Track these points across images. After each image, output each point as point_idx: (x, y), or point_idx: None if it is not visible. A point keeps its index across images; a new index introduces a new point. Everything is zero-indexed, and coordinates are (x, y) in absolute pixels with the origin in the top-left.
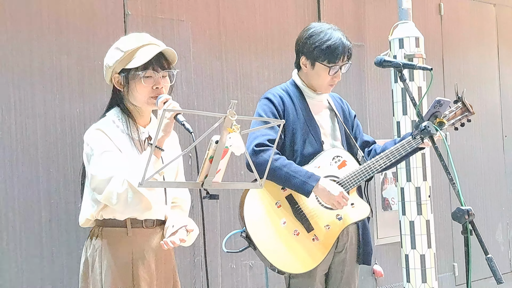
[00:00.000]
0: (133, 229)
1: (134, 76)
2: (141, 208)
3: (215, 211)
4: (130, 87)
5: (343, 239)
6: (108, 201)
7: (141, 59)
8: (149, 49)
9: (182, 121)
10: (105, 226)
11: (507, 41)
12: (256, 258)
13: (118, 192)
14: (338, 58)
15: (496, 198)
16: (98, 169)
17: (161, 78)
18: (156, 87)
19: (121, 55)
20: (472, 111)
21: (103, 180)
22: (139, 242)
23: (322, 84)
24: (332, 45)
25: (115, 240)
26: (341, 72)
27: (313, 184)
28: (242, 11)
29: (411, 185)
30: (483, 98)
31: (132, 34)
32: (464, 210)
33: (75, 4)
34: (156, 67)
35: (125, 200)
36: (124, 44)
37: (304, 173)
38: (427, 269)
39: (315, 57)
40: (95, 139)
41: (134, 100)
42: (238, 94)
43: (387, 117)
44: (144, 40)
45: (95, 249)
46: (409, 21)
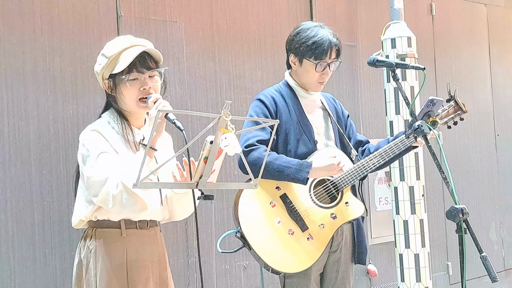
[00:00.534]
0: (127, 230)
1: (120, 80)
2: (137, 208)
3: (209, 212)
4: (118, 92)
5: (338, 239)
6: (104, 203)
7: (124, 63)
8: (132, 51)
9: (173, 119)
10: (98, 227)
11: (498, 40)
12: (250, 259)
13: (113, 194)
14: (324, 54)
15: (489, 197)
16: (94, 171)
17: (148, 78)
18: (143, 88)
19: (106, 61)
20: (465, 110)
21: (98, 182)
22: (133, 243)
23: (311, 82)
24: (317, 41)
25: (109, 241)
26: (330, 70)
27: (308, 169)
28: (235, 12)
29: (405, 185)
30: (475, 97)
31: (116, 38)
32: (458, 208)
33: (67, 6)
34: (141, 68)
35: (120, 202)
36: (108, 50)
37: (296, 162)
38: (421, 269)
39: (302, 54)
40: (91, 140)
41: (124, 104)
42: (231, 94)
43: (380, 116)
44: (127, 42)
45: (89, 251)
46: (401, 21)
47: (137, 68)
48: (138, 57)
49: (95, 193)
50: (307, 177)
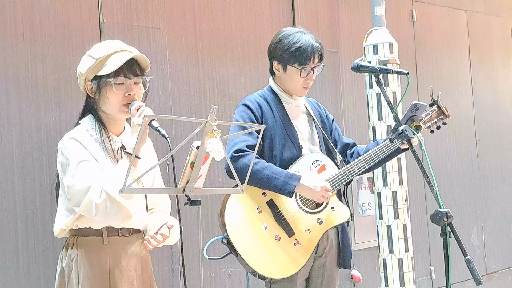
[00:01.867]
0: (109, 238)
1: (106, 83)
2: (120, 217)
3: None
4: (101, 95)
5: (323, 243)
6: (88, 212)
7: (112, 66)
8: (121, 56)
9: (157, 127)
10: (80, 235)
11: (478, 46)
12: (235, 266)
13: (96, 203)
14: (308, 59)
15: (471, 202)
16: (74, 180)
17: (134, 85)
18: (128, 93)
19: (93, 62)
20: (448, 114)
21: (80, 191)
22: (115, 251)
23: (296, 88)
24: (301, 47)
25: (91, 249)
26: (314, 74)
27: (295, 183)
28: (218, 19)
29: (388, 190)
30: (456, 102)
31: (104, 42)
32: (443, 212)
33: (49, 12)
34: (128, 73)
35: (104, 210)
36: (96, 51)
37: (284, 174)
38: (405, 273)
39: (286, 60)
40: (70, 149)
41: (107, 108)
42: (215, 101)
43: (363, 122)
44: (116, 47)
45: (71, 259)
46: (382, 28)
47: (124, 73)
48: (126, 63)
49: (77, 202)
50: (293, 191)
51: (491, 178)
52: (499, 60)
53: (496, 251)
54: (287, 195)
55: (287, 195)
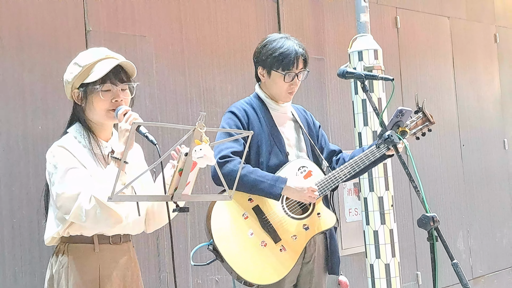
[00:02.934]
0: (100, 245)
1: (92, 90)
2: (111, 222)
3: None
4: (88, 102)
5: (311, 250)
6: (77, 219)
7: (99, 73)
8: (107, 63)
9: (145, 133)
10: (71, 242)
11: (461, 52)
12: (222, 273)
13: (86, 209)
14: (291, 64)
15: (456, 207)
16: (63, 187)
17: (120, 91)
18: (115, 100)
19: (79, 70)
20: (433, 121)
21: (69, 198)
22: (106, 259)
23: (280, 93)
24: (284, 52)
25: (81, 256)
26: (299, 80)
27: (281, 186)
28: (205, 27)
29: (374, 195)
30: (440, 108)
31: (90, 49)
32: (429, 216)
33: (36, 20)
34: (114, 80)
35: (94, 216)
36: (82, 59)
37: (271, 177)
38: (392, 278)
39: (270, 65)
40: (58, 157)
41: (93, 115)
42: (201, 108)
43: (349, 128)
44: (102, 54)
45: (61, 266)
46: (367, 34)
47: (111, 79)
48: (112, 69)
49: (67, 210)
50: (280, 193)
51: (476, 183)
52: (482, 66)
53: (482, 255)
54: (274, 198)
55: (274, 198)
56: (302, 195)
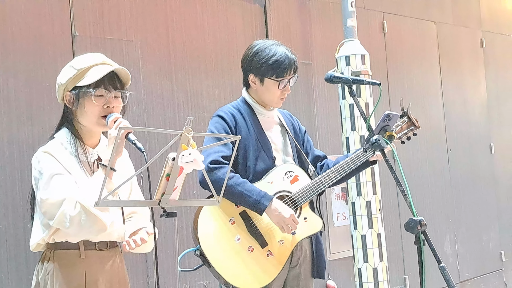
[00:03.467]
0: (86, 252)
1: (85, 93)
2: (95, 230)
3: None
4: (80, 105)
5: (297, 254)
6: (61, 225)
7: (93, 77)
8: (102, 68)
9: (134, 140)
10: (57, 249)
11: (448, 57)
12: (211, 278)
13: (70, 215)
14: (285, 71)
15: (443, 211)
16: (48, 193)
17: (113, 98)
18: (107, 106)
19: (74, 72)
20: (418, 125)
21: (54, 204)
22: (92, 265)
23: (273, 99)
24: (278, 59)
25: (67, 263)
26: (290, 85)
27: (266, 203)
28: (191, 31)
29: (362, 200)
30: (427, 113)
31: (86, 54)
32: (417, 220)
33: (21, 25)
34: (108, 86)
35: (79, 223)
36: (78, 63)
37: (257, 192)
38: (379, 282)
39: (263, 73)
40: (43, 162)
41: (84, 119)
42: (189, 113)
43: (336, 133)
44: (98, 59)
45: (47, 272)
46: (354, 39)
47: (105, 85)
48: (107, 75)
49: (51, 216)
50: (264, 210)
51: (462, 187)
52: (468, 70)
53: (469, 259)
54: (258, 213)
55: (258, 213)
56: (281, 220)
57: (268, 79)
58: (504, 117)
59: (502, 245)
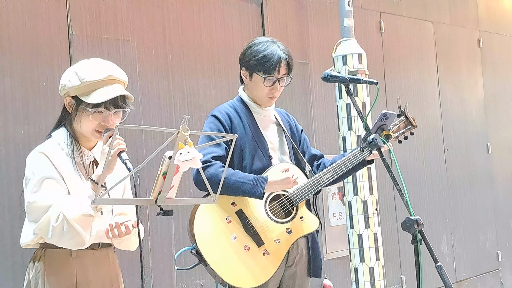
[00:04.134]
0: (77, 251)
1: (84, 109)
2: (74, 242)
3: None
4: (77, 116)
5: (293, 253)
6: (43, 233)
7: (97, 99)
8: (109, 90)
9: (125, 159)
10: (47, 247)
11: (445, 57)
12: (207, 277)
13: (53, 225)
14: (272, 68)
15: (440, 210)
16: (36, 196)
17: (112, 115)
18: (103, 123)
19: (78, 83)
20: (415, 124)
21: (40, 208)
22: (83, 264)
23: (261, 96)
24: (267, 55)
25: (58, 262)
26: (280, 85)
27: (263, 184)
28: (188, 31)
29: (358, 199)
30: (424, 112)
31: (94, 62)
32: (414, 219)
33: (18, 25)
34: (109, 105)
35: (60, 232)
36: (84, 72)
37: (251, 177)
38: (376, 282)
39: (252, 68)
40: (37, 164)
41: (79, 128)
42: (185, 113)
43: (333, 132)
44: (105, 72)
45: (38, 271)
46: (351, 39)
47: (106, 104)
48: None
49: (35, 219)
50: (263, 192)
51: (459, 187)
52: (465, 70)
53: (466, 258)
54: (257, 197)
55: (257, 197)
56: (286, 183)
57: (255, 74)
58: (501, 117)
59: (499, 245)
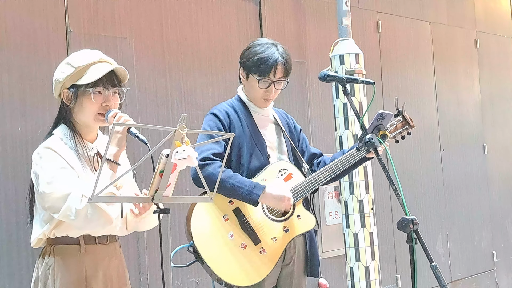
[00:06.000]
0: (86, 246)
1: (84, 92)
2: (102, 222)
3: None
4: (78, 103)
5: (291, 252)
6: (66, 218)
7: (93, 76)
8: (101, 67)
9: (136, 133)
10: (57, 244)
11: (442, 57)
12: (203, 275)
13: (77, 209)
14: (267, 71)
15: (436, 210)
16: (53, 187)
17: (111, 95)
18: (105, 104)
19: (72, 70)
20: (412, 124)
21: (59, 198)
22: (92, 259)
23: (256, 97)
24: (263, 57)
25: (68, 257)
26: (276, 88)
27: (259, 193)
28: (186, 29)
29: (354, 198)
30: (420, 112)
31: (83, 50)
32: (409, 219)
33: (15, 21)
34: (107, 84)
35: (85, 216)
36: (75, 60)
37: (249, 183)
38: (371, 281)
39: (248, 68)
40: (45, 158)
41: (82, 116)
42: (182, 111)
43: (330, 132)
44: (96, 56)
45: (48, 267)
46: (349, 38)
47: (103, 83)
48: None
49: (56, 209)
50: (257, 200)
51: (455, 187)
52: (462, 71)
53: (461, 259)
54: (251, 204)
55: (252, 204)
56: (281, 201)
57: (251, 76)
58: (498, 118)
59: (494, 245)
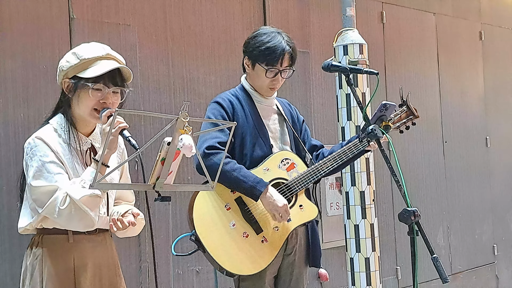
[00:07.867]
0: (74, 236)
1: (83, 86)
2: (83, 224)
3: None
4: (76, 95)
5: (292, 242)
6: (50, 214)
7: (95, 71)
8: (107, 63)
9: (128, 136)
10: (45, 234)
11: (446, 48)
12: (203, 263)
13: (60, 208)
14: (275, 61)
15: (437, 203)
16: (40, 182)
17: (111, 94)
18: (103, 101)
19: (77, 61)
20: (417, 115)
21: (45, 193)
22: (81, 249)
23: (261, 86)
24: (271, 47)
25: (56, 247)
26: (282, 77)
27: (261, 189)
28: (189, 17)
29: (356, 190)
30: (424, 104)
31: (93, 43)
32: (411, 211)
33: (19, 7)
34: (108, 82)
35: (68, 215)
36: (82, 51)
37: (253, 178)
38: (371, 272)
39: (255, 58)
40: (36, 149)
41: (78, 109)
42: (185, 99)
43: (332, 122)
44: (103, 51)
45: (35, 257)
46: (353, 29)
47: (104, 80)
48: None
49: (41, 203)
50: (259, 196)
51: (457, 179)
52: (466, 63)
53: (462, 251)
54: (253, 199)
55: (253, 199)
56: (274, 208)
57: (258, 65)
58: (501, 111)
59: (495, 238)
